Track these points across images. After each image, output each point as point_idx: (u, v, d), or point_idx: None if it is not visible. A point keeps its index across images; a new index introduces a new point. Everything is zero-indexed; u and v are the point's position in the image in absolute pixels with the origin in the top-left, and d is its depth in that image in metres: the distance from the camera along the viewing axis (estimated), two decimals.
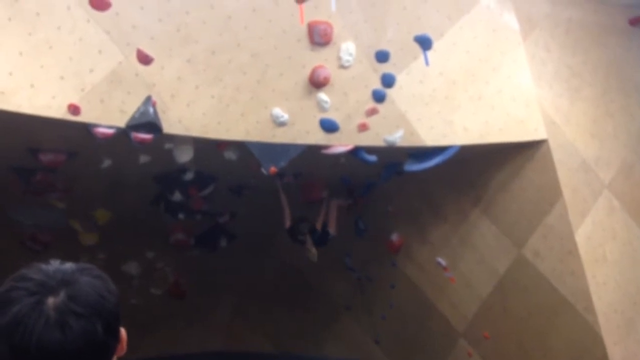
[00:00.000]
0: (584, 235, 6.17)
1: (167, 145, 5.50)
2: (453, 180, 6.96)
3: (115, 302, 1.33)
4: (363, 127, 5.59)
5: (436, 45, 5.78)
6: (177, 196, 6.91)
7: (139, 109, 4.75)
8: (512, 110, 6.03)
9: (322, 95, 5.41)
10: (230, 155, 5.84)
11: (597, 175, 6.36)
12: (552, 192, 6.16)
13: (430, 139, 5.81)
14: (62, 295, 1.26)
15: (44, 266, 1.32)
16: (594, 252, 6.22)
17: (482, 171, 6.70)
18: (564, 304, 6.24)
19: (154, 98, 4.82)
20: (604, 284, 6.22)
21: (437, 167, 6.02)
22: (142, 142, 4.87)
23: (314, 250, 7.17)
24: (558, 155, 6.13)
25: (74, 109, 4.53)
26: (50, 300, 1.25)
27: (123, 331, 1.37)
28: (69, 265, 1.35)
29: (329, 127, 5.47)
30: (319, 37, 5.31)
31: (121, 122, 4.73)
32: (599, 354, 6.09)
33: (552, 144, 6.11)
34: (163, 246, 8.20)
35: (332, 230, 7.35)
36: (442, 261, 7.28)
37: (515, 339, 6.72)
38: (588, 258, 6.14)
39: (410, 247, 7.68)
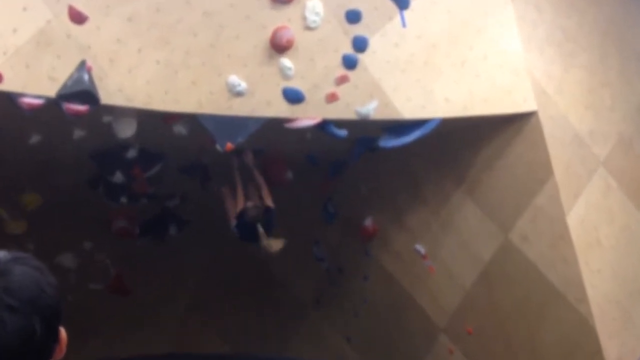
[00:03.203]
0: (576, 217, 6.31)
1: (106, 118, 5.44)
2: (433, 158, 7.03)
3: (55, 296, 1.32)
4: (332, 98, 5.60)
5: (414, 3, 5.80)
6: (118, 177, 6.85)
7: (71, 75, 4.68)
8: (498, 78, 6.10)
9: (285, 61, 5.40)
10: (179, 129, 5.81)
11: (592, 150, 6.50)
12: (542, 170, 6.27)
13: (407, 111, 5.85)
14: None
15: None
16: (588, 236, 6.37)
17: (465, 147, 6.78)
18: (555, 294, 6.39)
19: (90, 63, 4.75)
20: (599, 271, 6.39)
21: (415, 142, 6.07)
22: (76, 114, 4.80)
23: (272, 243, 6.73)
24: (549, 128, 6.23)
25: None
26: None
27: (63, 331, 1.36)
28: (2, 254, 1.33)
29: (293, 97, 5.47)
30: None
31: (51, 91, 4.66)
32: (592, 349, 6.27)
33: (543, 116, 6.20)
34: (103, 235, 8.12)
35: (269, 202, 6.80)
36: (421, 249, 7.38)
37: (501, 333, 6.87)
38: (581, 243, 6.28)
39: (386, 234, 7.76)
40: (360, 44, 5.64)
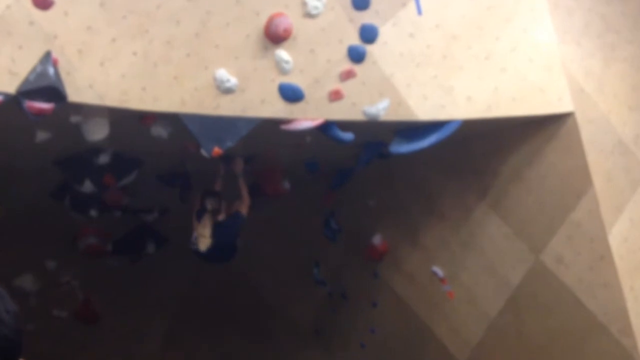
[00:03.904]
0: (619, 235, 6.30)
1: (74, 118, 5.43)
2: (452, 166, 7.03)
3: (14, 325, 1.33)
4: (336, 96, 5.60)
5: None
6: (87, 186, 6.84)
7: (35, 69, 4.68)
8: (529, 74, 6.10)
9: (282, 53, 5.40)
10: (159, 132, 5.80)
11: (637, 158, 6.50)
12: (579, 181, 6.27)
13: (423, 111, 5.85)
14: None
15: None
16: (633, 257, 6.36)
17: (490, 154, 6.78)
18: (594, 325, 6.38)
19: (56, 55, 4.74)
20: None
21: (432, 148, 6.06)
22: (40, 113, 4.80)
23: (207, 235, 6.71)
24: (588, 132, 6.23)
25: None
26: None
27: None
28: None
29: (290, 94, 5.47)
30: None
31: (11, 86, 4.66)
32: None
33: (580, 119, 6.21)
34: (69, 253, 8.12)
35: (244, 210, 6.86)
36: (439, 271, 7.36)
37: None
38: (624, 265, 6.27)
39: (397, 253, 7.75)
40: (368, 34, 5.63)
